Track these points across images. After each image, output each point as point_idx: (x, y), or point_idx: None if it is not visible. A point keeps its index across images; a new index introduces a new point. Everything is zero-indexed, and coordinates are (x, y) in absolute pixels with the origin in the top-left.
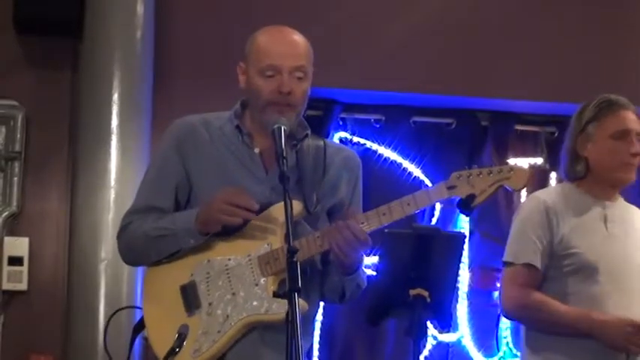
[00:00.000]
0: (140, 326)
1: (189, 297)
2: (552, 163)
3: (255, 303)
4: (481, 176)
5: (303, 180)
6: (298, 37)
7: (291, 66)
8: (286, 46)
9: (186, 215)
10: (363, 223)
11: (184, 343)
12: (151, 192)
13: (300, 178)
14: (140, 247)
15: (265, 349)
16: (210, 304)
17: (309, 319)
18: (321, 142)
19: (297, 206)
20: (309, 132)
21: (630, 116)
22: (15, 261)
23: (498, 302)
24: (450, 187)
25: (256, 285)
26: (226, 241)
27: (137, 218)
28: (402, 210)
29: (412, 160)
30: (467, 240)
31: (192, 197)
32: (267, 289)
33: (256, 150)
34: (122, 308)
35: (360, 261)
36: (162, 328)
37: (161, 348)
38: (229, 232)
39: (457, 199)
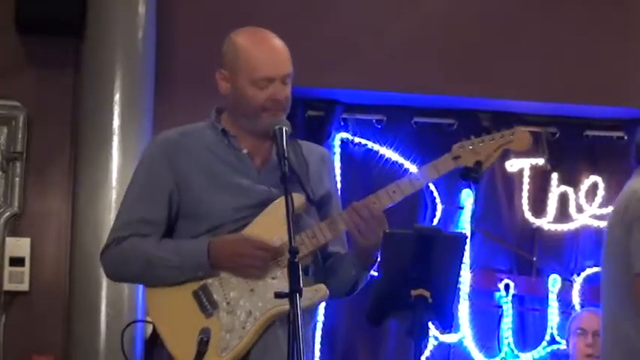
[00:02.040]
0: (155, 338)
1: (204, 300)
2: (554, 163)
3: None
4: (483, 143)
5: (295, 173)
6: (279, 42)
7: (283, 75)
8: (275, 55)
9: (193, 249)
10: (374, 203)
11: (208, 346)
12: (143, 205)
13: (292, 172)
14: (137, 269)
15: (286, 339)
16: (228, 303)
17: (312, 311)
18: (295, 142)
19: (299, 199)
20: (290, 127)
21: None
22: (16, 261)
23: None
24: (455, 158)
25: (274, 278)
26: None
27: (131, 234)
28: (410, 186)
29: (413, 161)
30: (468, 240)
31: (183, 207)
32: (285, 280)
33: (244, 151)
34: (134, 322)
35: (378, 251)
36: (182, 336)
37: (185, 355)
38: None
39: (462, 170)
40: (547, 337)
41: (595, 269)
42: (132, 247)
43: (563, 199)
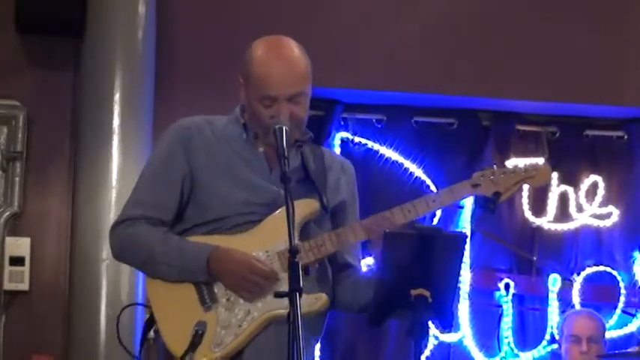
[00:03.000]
0: (151, 322)
1: (205, 293)
2: (554, 163)
3: (277, 298)
4: (505, 175)
5: (311, 178)
6: (296, 56)
7: (288, 94)
8: (284, 73)
9: (195, 255)
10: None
11: (203, 339)
12: (157, 187)
13: (307, 177)
14: (139, 260)
15: (282, 343)
16: (228, 299)
17: (322, 319)
18: (318, 149)
19: (313, 204)
20: (311, 134)
21: None
22: (16, 261)
23: None
24: (474, 186)
25: (277, 280)
26: (242, 238)
27: (142, 215)
28: (426, 207)
29: (413, 161)
30: (468, 240)
31: (193, 194)
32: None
33: (260, 149)
34: (130, 305)
35: None
36: (177, 325)
37: (177, 345)
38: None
39: (479, 198)
40: (547, 337)
41: (595, 269)
42: (139, 235)
43: (563, 199)
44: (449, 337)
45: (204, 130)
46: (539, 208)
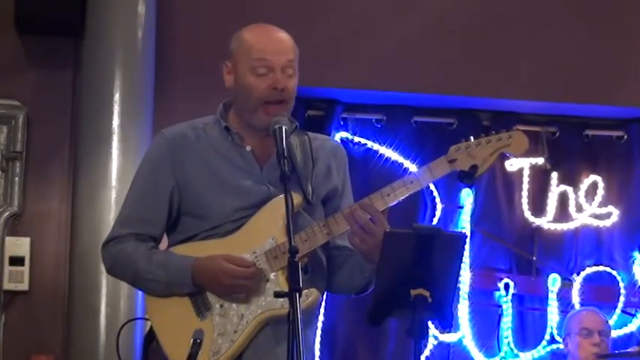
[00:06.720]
0: (151, 336)
1: (199, 301)
2: (553, 163)
3: (269, 299)
4: (480, 146)
5: (296, 171)
6: (284, 34)
7: (283, 62)
8: (276, 42)
9: (180, 266)
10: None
11: (201, 347)
12: (144, 203)
13: (293, 170)
14: (128, 277)
15: (280, 342)
16: (221, 305)
17: (315, 311)
18: (305, 137)
19: (296, 198)
20: (297, 124)
21: None
22: (16, 261)
23: None
24: (451, 161)
25: (267, 281)
26: (229, 240)
27: (130, 233)
28: (405, 189)
29: (413, 160)
30: (468, 240)
31: (184, 205)
32: (278, 283)
33: (248, 148)
34: (133, 319)
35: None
36: (176, 336)
37: (178, 356)
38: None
39: (458, 173)
40: (547, 337)
41: (595, 269)
42: (126, 254)
43: (563, 199)
44: (448, 337)
45: (188, 138)
46: (538, 208)
